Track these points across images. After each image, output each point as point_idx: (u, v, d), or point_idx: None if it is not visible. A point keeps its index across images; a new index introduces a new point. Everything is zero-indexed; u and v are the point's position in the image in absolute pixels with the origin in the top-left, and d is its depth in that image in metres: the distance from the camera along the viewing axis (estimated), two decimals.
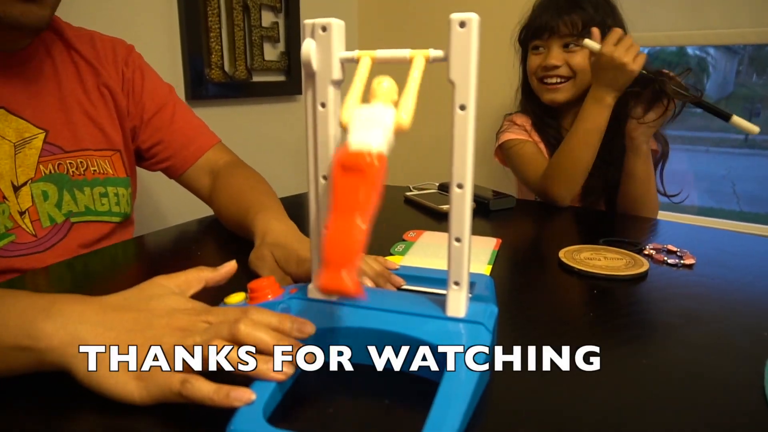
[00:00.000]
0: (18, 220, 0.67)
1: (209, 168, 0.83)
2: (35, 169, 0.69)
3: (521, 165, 1.15)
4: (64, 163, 0.71)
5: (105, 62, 0.77)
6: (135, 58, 0.82)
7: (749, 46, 1.65)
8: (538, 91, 1.14)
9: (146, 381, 0.34)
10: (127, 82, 0.79)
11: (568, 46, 1.08)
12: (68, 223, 0.72)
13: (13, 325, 0.36)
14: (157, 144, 0.82)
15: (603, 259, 0.64)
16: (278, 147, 1.59)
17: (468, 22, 0.34)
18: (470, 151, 0.36)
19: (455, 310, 0.39)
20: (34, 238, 0.69)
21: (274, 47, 1.51)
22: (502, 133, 1.20)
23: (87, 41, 0.77)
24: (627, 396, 0.38)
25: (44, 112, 0.70)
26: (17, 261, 0.67)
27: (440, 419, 0.30)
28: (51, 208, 0.70)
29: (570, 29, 1.06)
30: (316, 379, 0.39)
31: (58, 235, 0.71)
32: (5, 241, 0.66)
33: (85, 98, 0.75)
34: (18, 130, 0.67)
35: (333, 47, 0.37)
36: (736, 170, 1.92)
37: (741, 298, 0.56)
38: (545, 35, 1.09)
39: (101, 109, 0.76)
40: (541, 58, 1.10)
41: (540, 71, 1.11)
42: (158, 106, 0.82)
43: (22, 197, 0.68)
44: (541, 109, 1.17)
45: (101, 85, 0.76)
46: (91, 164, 0.74)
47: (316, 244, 0.42)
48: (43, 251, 0.69)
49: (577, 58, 1.08)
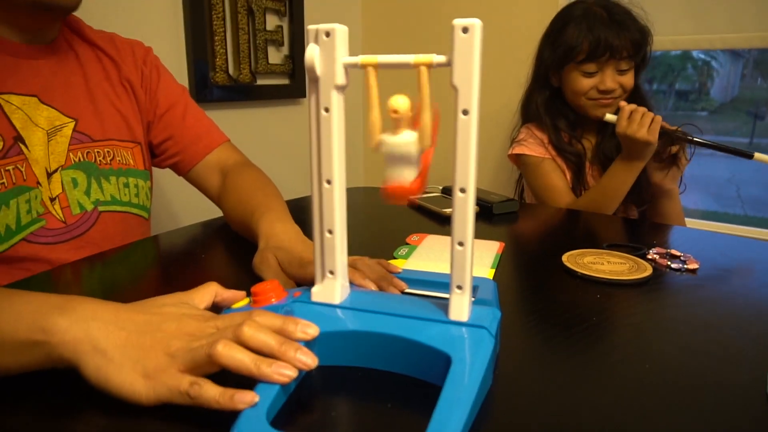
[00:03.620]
0: (49, 206, 0.69)
1: (219, 167, 0.85)
2: (65, 157, 0.71)
3: (541, 188, 1.17)
4: (92, 151, 0.74)
5: (126, 59, 0.80)
6: (153, 58, 0.85)
7: (754, 49, 1.64)
8: (589, 108, 1.12)
9: (154, 381, 0.34)
10: (146, 79, 0.82)
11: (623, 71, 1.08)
12: (96, 212, 0.74)
13: (27, 319, 0.36)
14: (167, 139, 0.84)
15: (606, 263, 0.64)
16: (282, 150, 1.60)
17: (471, 28, 0.34)
18: (473, 155, 0.36)
19: (458, 314, 0.39)
20: (63, 224, 0.70)
21: (279, 51, 1.51)
22: (520, 143, 1.20)
23: (108, 40, 0.80)
24: (630, 401, 0.38)
25: (73, 101, 0.73)
26: (44, 249, 0.68)
27: (443, 423, 0.31)
28: (80, 196, 0.72)
29: (630, 51, 1.06)
30: (319, 382, 0.39)
31: (87, 223, 0.72)
32: (36, 226, 0.67)
33: (111, 90, 0.78)
34: (49, 118, 0.69)
35: (337, 52, 0.37)
36: (740, 174, 1.91)
37: (745, 304, 0.55)
38: (603, 59, 1.07)
39: (125, 101, 0.79)
40: (595, 81, 1.09)
41: (594, 93, 1.10)
42: (171, 103, 0.84)
43: (53, 183, 0.69)
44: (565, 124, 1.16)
45: (123, 79, 0.79)
46: (116, 154, 0.77)
47: (319, 247, 0.42)
48: (70, 239, 0.70)
49: (627, 78, 1.09)
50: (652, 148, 1.00)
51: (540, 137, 1.18)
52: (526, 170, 1.21)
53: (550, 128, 1.16)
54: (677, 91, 1.90)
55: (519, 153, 1.19)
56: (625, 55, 1.06)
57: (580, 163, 1.15)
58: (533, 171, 1.18)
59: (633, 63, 1.08)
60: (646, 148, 0.99)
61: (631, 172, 1.03)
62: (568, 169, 1.16)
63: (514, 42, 1.48)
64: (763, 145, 1.87)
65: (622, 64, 1.07)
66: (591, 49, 1.06)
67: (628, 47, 1.05)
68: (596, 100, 1.10)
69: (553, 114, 1.17)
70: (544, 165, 1.16)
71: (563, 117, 1.16)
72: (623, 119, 0.99)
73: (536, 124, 1.20)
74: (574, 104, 1.14)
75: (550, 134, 1.16)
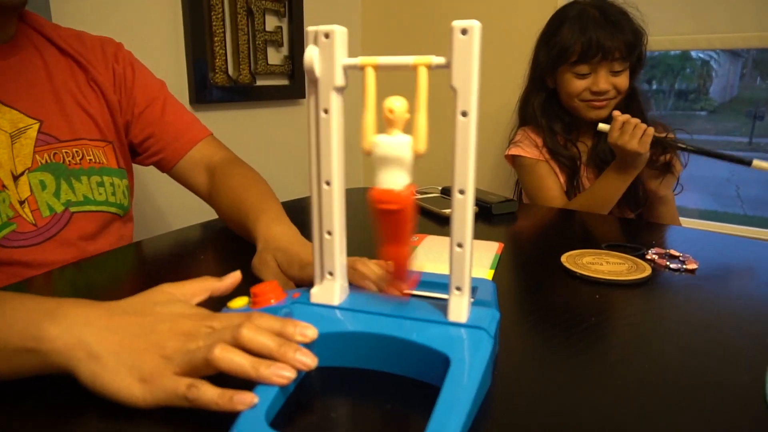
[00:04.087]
0: (18, 209, 0.68)
1: (204, 163, 0.84)
2: (32, 159, 0.69)
3: (534, 189, 1.18)
4: (59, 152, 0.72)
5: (94, 60, 0.78)
6: (124, 54, 0.82)
7: (753, 49, 1.65)
8: (582, 110, 1.12)
9: (151, 384, 0.34)
10: (119, 78, 0.80)
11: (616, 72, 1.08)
12: (68, 213, 0.72)
13: (18, 327, 0.36)
14: (148, 137, 0.83)
15: (605, 263, 0.64)
16: (282, 150, 1.60)
17: (470, 30, 0.34)
18: (472, 157, 0.36)
19: (457, 315, 0.39)
20: (34, 227, 0.69)
21: (278, 51, 1.51)
22: (516, 145, 1.21)
23: (75, 39, 0.77)
24: (629, 401, 0.38)
25: (37, 103, 0.71)
26: (17, 252, 0.67)
27: (442, 424, 0.31)
28: (50, 198, 0.71)
29: (622, 53, 1.06)
30: (318, 384, 0.39)
31: (57, 225, 0.71)
32: (7, 230, 0.66)
33: (78, 90, 0.76)
34: (12, 120, 0.68)
35: (336, 54, 0.37)
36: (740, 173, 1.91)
37: (743, 304, 0.55)
38: (595, 60, 1.07)
39: (93, 102, 0.77)
40: (588, 82, 1.09)
41: (587, 95, 1.10)
42: (149, 100, 0.82)
43: (21, 186, 0.68)
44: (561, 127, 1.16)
45: (90, 80, 0.77)
46: (86, 153, 0.75)
47: (318, 248, 0.42)
48: (43, 242, 0.69)
49: (621, 79, 1.08)
50: (644, 159, 1.01)
51: (535, 140, 1.19)
52: (520, 171, 1.22)
53: (546, 131, 1.17)
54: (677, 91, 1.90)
55: (514, 154, 1.20)
56: (617, 57, 1.06)
57: (574, 167, 1.15)
58: (527, 173, 1.19)
59: (627, 64, 1.08)
60: (638, 158, 1.00)
61: (624, 181, 1.03)
62: (562, 172, 1.16)
63: (513, 43, 1.48)
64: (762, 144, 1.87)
65: (615, 65, 1.07)
66: (583, 51, 1.06)
67: (620, 48, 1.05)
68: (589, 101, 1.10)
69: (549, 116, 1.17)
70: (538, 167, 1.17)
71: (559, 119, 1.16)
72: (615, 130, 1.00)
73: (532, 127, 1.20)
74: (568, 106, 1.14)
75: (546, 137, 1.17)
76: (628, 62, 1.08)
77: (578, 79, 1.09)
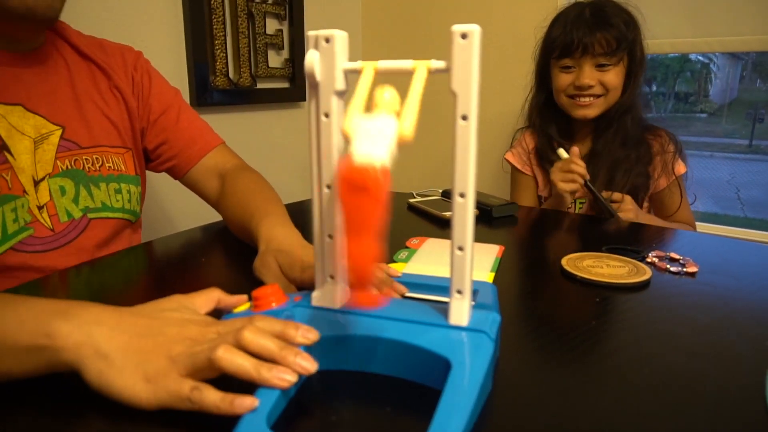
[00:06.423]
0: (36, 214, 0.69)
1: (216, 170, 0.85)
2: (53, 165, 0.70)
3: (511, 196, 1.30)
4: (80, 158, 0.73)
5: (115, 66, 0.80)
6: (143, 62, 0.84)
7: (753, 52, 1.65)
8: (568, 107, 1.12)
9: (155, 385, 0.34)
10: (137, 85, 0.82)
11: (602, 66, 1.07)
12: (85, 219, 0.73)
13: (30, 324, 0.37)
14: (162, 144, 0.84)
15: (606, 266, 0.64)
16: (282, 153, 1.60)
17: (470, 34, 0.34)
18: (472, 160, 0.36)
19: (458, 318, 0.39)
20: (51, 233, 0.70)
21: (279, 54, 1.52)
22: (511, 149, 1.28)
23: (97, 47, 0.79)
24: (629, 404, 0.38)
25: (60, 109, 0.72)
26: (32, 258, 0.68)
27: (442, 427, 0.31)
28: (68, 203, 0.72)
29: (604, 48, 1.05)
30: (319, 387, 0.39)
31: (75, 231, 0.72)
32: (24, 234, 0.67)
33: (99, 97, 0.77)
34: (36, 126, 0.69)
35: (336, 58, 0.37)
36: (740, 176, 1.92)
37: (743, 307, 0.55)
38: (577, 54, 1.07)
39: (115, 108, 0.79)
40: (573, 76, 1.09)
41: (571, 90, 1.10)
42: (164, 107, 0.84)
43: (40, 192, 0.69)
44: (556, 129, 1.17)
45: (113, 87, 0.79)
46: (106, 160, 0.76)
47: (320, 251, 0.42)
48: (58, 248, 0.70)
49: (609, 75, 1.08)
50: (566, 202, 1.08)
51: (526, 145, 1.22)
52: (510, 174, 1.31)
53: (540, 133, 1.19)
54: (676, 94, 1.91)
55: (507, 159, 1.27)
56: (600, 51, 1.05)
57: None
58: (511, 179, 1.30)
59: (614, 60, 1.06)
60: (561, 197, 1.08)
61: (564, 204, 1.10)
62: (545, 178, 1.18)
63: (514, 47, 1.49)
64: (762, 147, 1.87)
65: (600, 60, 1.06)
66: (566, 44, 1.07)
67: (602, 43, 1.04)
68: (575, 98, 1.10)
69: (546, 118, 1.18)
70: (519, 178, 1.26)
71: (554, 122, 1.17)
72: (558, 165, 1.07)
73: (531, 129, 1.23)
74: (559, 104, 1.15)
75: (538, 140, 1.19)
76: (615, 58, 1.06)
77: (564, 74, 1.11)
